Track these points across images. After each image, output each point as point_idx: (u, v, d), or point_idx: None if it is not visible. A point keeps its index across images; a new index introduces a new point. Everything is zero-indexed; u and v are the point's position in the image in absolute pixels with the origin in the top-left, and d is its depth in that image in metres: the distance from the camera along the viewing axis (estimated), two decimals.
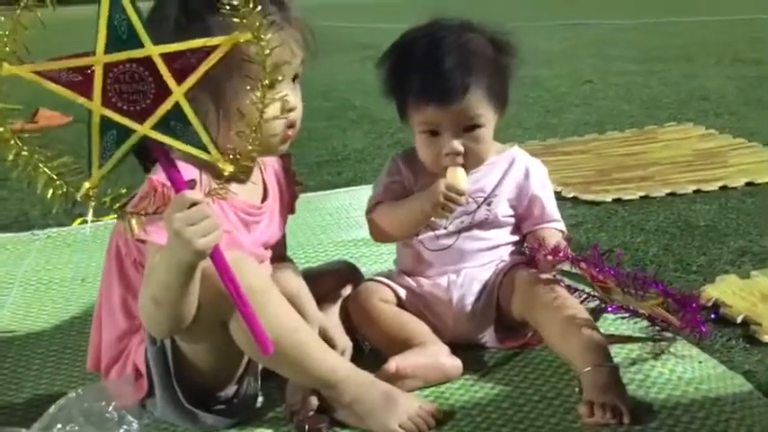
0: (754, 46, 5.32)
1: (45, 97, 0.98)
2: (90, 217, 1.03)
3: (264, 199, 1.36)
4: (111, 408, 1.03)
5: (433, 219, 1.41)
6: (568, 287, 1.43)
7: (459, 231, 1.45)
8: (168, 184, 1.10)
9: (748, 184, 2.29)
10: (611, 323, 1.48)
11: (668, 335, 1.41)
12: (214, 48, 0.98)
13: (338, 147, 3.28)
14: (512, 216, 1.48)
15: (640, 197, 2.25)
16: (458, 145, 1.39)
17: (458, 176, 1.38)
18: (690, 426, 1.17)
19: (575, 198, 2.29)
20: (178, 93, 0.98)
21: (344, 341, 1.36)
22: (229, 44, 0.97)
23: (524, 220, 1.50)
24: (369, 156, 3.09)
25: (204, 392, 1.26)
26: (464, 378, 1.35)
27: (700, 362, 1.34)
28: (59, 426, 1.02)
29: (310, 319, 1.32)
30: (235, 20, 0.98)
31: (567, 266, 1.43)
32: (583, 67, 5.08)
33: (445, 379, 1.34)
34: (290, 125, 1.29)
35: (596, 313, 1.48)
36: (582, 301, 1.42)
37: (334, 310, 1.46)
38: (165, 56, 0.97)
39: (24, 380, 1.46)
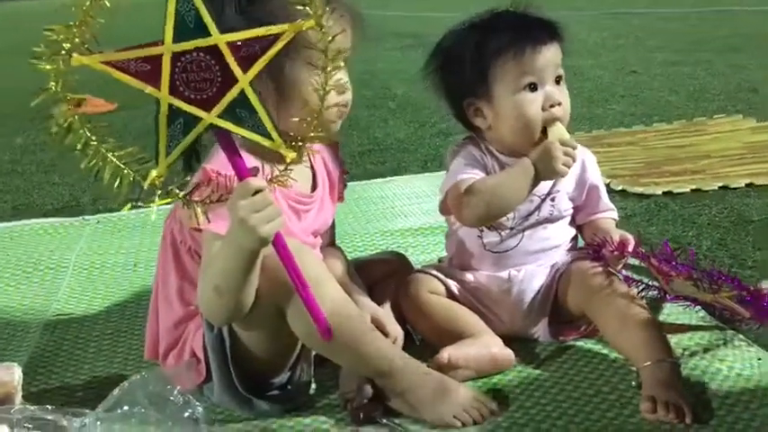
0: None
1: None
2: (144, 204, 1.04)
3: (315, 187, 1.37)
4: (175, 392, 1.05)
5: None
6: (626, 278, 1.42)
7: (523, 230, 1.44)
8: (222, 172, 1.12)
9: None
10: (669, 314, 1.47)
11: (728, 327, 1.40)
12: (278, 35, 0.98)
13: (380, 136, 3.28)
14: (571, 209, 1.47)
15: (691, 190, 2.21)
16: (559, 93, 1.39)
17: (562, 130, 1.38)
18: (751, 423, 1.15)
19: (623, 191, 2.26)
20: (244, 81, 0.99)
21: (397, 329, 1.36)
22: (293, 31, 0.97)
23: (580, 210, 1.49)
24: (411, 145, 3.08)
25: (259, 379, 1.28)
26: (516, 370, 1.35)
27: (759, 359, 1.32)
28: (126, 408, 1.04)
29: (361, 307, 1.33)
30: (298, 6, 0.98)
31: (634, 262, 1.42)
32: (626, 57, 5.00)
33: (497, 370, 1.34)
34: (344, 106, 1.29)
35: (656, 303, 1.47)
36: (640, 292, 1.41)
37: (385, 299, 1.47)
38: (230, 44, 0.98)
39: (82, 362, 1.50)
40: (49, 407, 1.11)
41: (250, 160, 1.11)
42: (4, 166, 3.18)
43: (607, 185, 2.20)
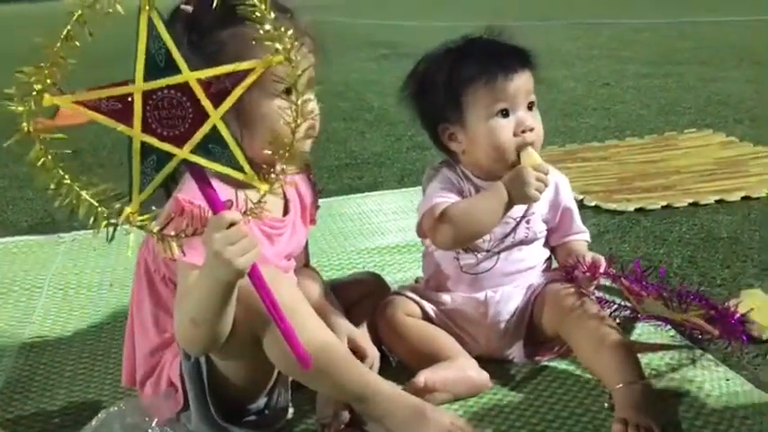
0: None
1: None
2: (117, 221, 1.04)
3: (287, 211, 1.37)
4: (153, 424, 1.05)
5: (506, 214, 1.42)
6: (599, 299, 1.45)
7: (499, 252, 1.46)
8: (195, 202, 1.13)
9: None
10: (641, 334, 1.50)
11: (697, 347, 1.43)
12: (248, 71, 1.00)
13: (357, 150, 3.30)
14: (545, 231, 1.50)
15: (662, 207, 2.26)
16: (531, 119, 1.41)
17: (534, 155, 1.40)
18: None
19: (596, 207, 2.30)
20: (215, 116, 1.00)
21: (373, 351, 1.38)
22: (263, 67, 0.99)
23: (553, 232, 1.52)
24: (388, 159, 3.10)
25: (236, 405, 1.28)
26: (492, 392, 1.37)
27: (727, 379, 1.35)
28: None
29: (337, 330, 1.34)
30: (267, 42, 0.99)
31: (605, 282, 1.45)
32: (599, 68, 5.07)
33: (474, 392, 1.36)
34: (312, 129, 1.29)
35: (629, 322, 1.50)
36: (612, 312, 1.44)
37: (361, 320, 1.48)
38: (201, 81, 0.99)
39: (57, 387, 1.49)
40: None
41: (222, 190, 1.12)
42: None
43: (580, 201, 2.25)
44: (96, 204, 1.01)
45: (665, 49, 5.67)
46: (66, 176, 1.00)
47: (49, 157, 0.98)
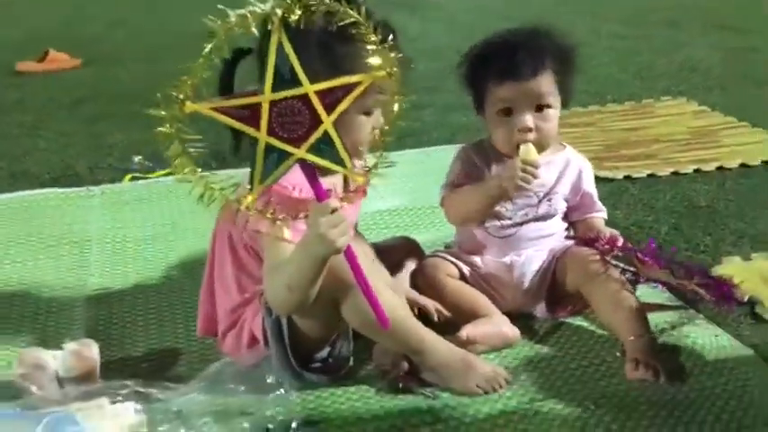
0: (741, 12, 5.50)
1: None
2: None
3: (346, 186, 1.57)
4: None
5: (504, 200, 1.65)
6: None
7: (522, 223, 1.69)
8: (289, 188, 1.33)
9: (742, 165, 2.54)
10: (641, 295, 1.73)
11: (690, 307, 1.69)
12: (356, 84, 1.18)
13: None
14: (565, 207, 1.73)
15: (647, 175, 2.50)
16: (530, 120, 1.61)
17: (531, 151, 1.60)
18: (713, 390, 1.44)
19: None
20: (328, 122, 1.19)
21: (431, 303, 1.61)
22: (369, 81, 1.17)
23: (574, 210, 1.75)
24: None
25: (306, 354, 1.49)
26: (521, 345, 1.61)
27: (716, 335, 1.61)
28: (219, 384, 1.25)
29: (395, 289, 1.55)
30: (371, 60, 1.18)
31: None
32: (573, 25, 5.24)
33: (506, 345, 1.60)
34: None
35: (632, 284, 1.74)
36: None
37: (404, 280, 1.70)
38: (318, 92, 1.17)
39: (134, 336, 1.66)
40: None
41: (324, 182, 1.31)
42: None
43: None
44: (218, 190, 1.20)
45: (638, 8, 5.82)
46: (199, 169, 1.18)
47: (185, 155, 1.16)
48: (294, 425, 1.33)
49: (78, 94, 3.72)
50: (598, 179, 2.45)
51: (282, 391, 1.32)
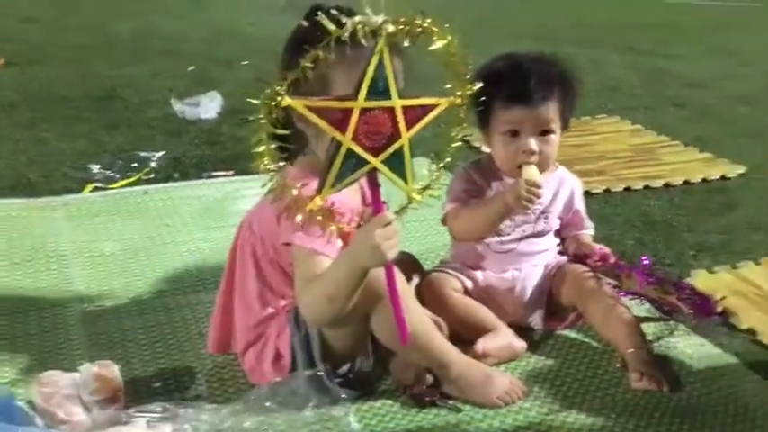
0: (646, 34, 5.83)
1: None
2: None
3: (364, 197, 1.60)
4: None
5: (509, 217, 1.72)
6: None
7: (520, 239, 1.77)
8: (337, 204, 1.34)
9: (685, 182, 2.74)
10: None
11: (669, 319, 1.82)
12: (435, 105, 1.24)
13: None
14: (558, 224, 1.83)
15: (603, 191, 2.65)
16: (534, 144, 1.69)
17: (535, 173, 1.68)
18: (710, 395, 1.57)
19: None
20: (405, 137, 1.23)
21: (441, 321, 1.65)
22: (446, 105, 1.23)
23: (565, 227, 1.85)
24: None
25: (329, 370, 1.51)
26: (527, 357, 1.68)
27: (701, 345, 1.74)
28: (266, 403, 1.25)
29: None
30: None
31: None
32: (492, 42, 5.40)
33: (514, 357, 1.67)
34: None
35: None
36: None
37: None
38: (404, 108, 1.21)
39: (141, 355, 1.62)
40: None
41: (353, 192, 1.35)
42: None
43: None
44: (290, 185, 1.22)
45: (553, 27, 6.06)
46: (280, 163, 1.21)
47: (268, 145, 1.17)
48: None
49: (9, 96, 3.53)
50: None
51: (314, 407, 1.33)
